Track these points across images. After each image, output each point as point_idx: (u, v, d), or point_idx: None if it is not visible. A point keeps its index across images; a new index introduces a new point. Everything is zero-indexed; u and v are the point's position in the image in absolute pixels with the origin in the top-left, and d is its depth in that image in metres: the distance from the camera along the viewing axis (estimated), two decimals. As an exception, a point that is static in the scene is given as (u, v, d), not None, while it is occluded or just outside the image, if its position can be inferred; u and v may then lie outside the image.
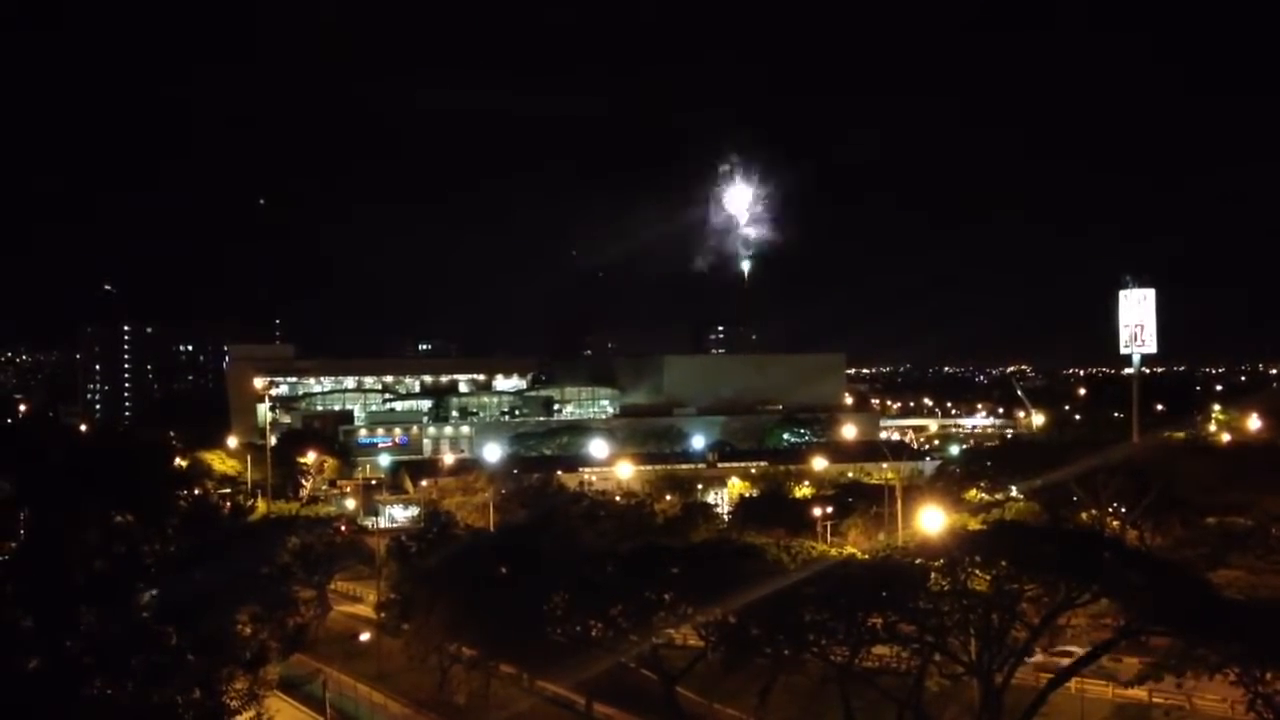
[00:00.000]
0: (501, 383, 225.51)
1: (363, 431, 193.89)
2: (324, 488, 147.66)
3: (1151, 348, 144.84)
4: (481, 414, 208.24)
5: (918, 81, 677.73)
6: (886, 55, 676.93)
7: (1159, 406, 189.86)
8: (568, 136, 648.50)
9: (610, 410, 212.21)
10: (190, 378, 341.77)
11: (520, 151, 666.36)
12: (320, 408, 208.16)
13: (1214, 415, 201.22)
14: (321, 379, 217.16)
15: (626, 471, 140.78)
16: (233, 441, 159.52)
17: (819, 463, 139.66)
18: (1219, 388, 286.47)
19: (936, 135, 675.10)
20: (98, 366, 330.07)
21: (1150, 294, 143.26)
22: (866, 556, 61.19)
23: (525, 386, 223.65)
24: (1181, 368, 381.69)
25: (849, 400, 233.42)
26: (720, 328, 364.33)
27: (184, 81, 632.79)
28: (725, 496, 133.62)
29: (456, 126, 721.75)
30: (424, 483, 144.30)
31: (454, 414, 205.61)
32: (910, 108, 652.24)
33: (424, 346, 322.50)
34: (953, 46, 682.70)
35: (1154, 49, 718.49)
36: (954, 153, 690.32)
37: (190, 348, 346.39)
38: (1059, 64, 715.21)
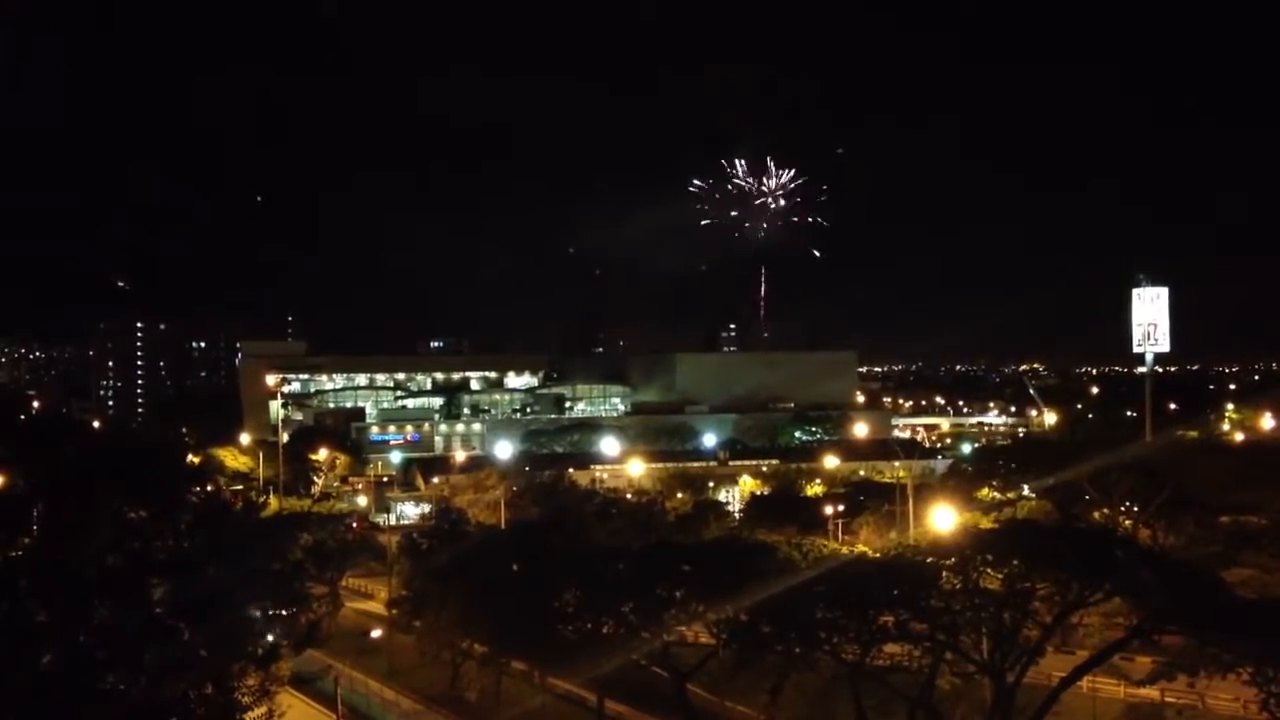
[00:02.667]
0: (513, 380, 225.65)
1: (374, 428, 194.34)
2: (336, 485, 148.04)
3: (1165, 346, 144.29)
4: (493, 411, 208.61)
5: (924, 83, 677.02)
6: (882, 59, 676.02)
7: (1172, 405, 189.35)
8: (580, 133, 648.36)
9: (622, 408, 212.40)
10: (203, 374, 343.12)
11: (532, 148, 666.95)
12: (332, 405, 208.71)
13: (1228, 414, 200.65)
14: (334, 376, 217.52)
15: (638, 469, 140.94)
16: (245, 438, 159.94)
17: (830, 461, 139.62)
18: (1233, 386, 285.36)
19: (935, 137, 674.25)
20: (110, 363, 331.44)
21: (1163, 292, 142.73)
22: (878, 555, 61.14)
23: (537, 384, 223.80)
24: (1195, 366, 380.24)
25: (861, 398, 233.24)
26: (732, 325, 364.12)
27: (200, 79, 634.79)
28: (736, 494, 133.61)
29: (467, 126, 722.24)
30: (435, 480, 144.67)
31: (466, 411, 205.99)
32: (912, 109, 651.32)
33: (436, 344, 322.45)
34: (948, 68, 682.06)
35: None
36: (954, 155, 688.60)
37: (203, 344, 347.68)
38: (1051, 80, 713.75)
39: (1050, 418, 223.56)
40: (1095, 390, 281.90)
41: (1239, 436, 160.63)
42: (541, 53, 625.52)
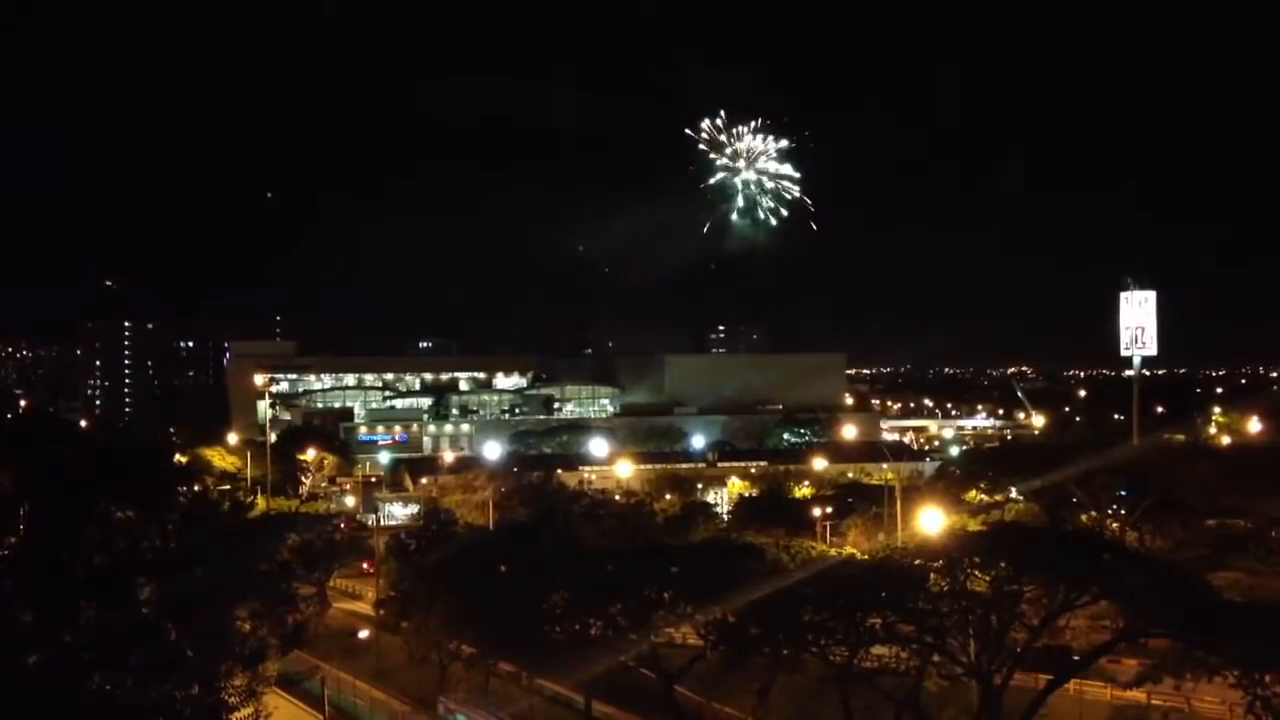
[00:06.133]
0: (502, 381, 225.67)
1: (363, 429, 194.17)
2: (324, 485, 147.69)
3: (1152, 350, 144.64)
4: (482, 412, 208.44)
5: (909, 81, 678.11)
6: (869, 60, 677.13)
7: (1159, 408, 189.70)
8: (572, 135, 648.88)
9: (610, 409, 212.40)
10: (191, 374, 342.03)
11: (522, 151, 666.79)
12: (321, 405, 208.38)
13: (1214, 417, 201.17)
14: (322, 376, 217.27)
15: (626, 470, 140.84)
16: (233, 438, 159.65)
17: (819, 463, 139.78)
18: (1219, 390, 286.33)
19: (930, 140, 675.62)
20: (98, 362, 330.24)
21: (1151, 296, 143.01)
22: (866, 557, 61.24)
23: (526, 385, 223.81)
24: (1182, 370, 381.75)
25: (849, 400, 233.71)
26: (721, 327, 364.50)
27: (191, 78, 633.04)
28: (725, 496, 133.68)
29: (458, 126, 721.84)
30: (424, 480, 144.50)
31: (454, 412, 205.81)
32: (907, 109, 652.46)
33: (424, 344, 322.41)
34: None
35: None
36: (953, 155, 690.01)
37: (191, 344, 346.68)
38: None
39: (1038, 420, 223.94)
40: (1083, 393, 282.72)
41: (1225, 440, 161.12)
42: (536, 54, 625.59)
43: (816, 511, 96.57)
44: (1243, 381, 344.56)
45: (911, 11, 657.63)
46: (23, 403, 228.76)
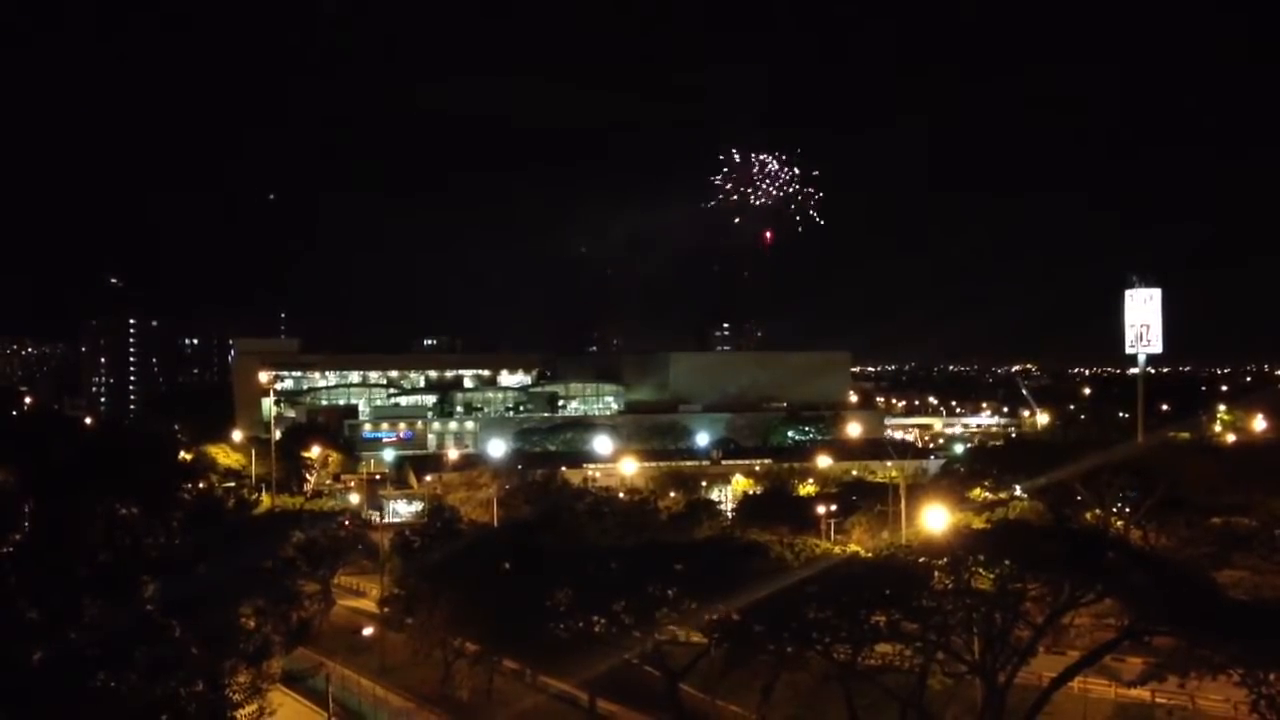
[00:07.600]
0: (506, 378, 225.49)
1: (367, 426, 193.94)
2: (328, 482, 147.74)
3: (1157, 348, 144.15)
4: (486, 409, 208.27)
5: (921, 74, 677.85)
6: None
7: (1164, 406, 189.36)
8: (574, 135, 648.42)
9: (615, 407, 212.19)
10: (195, 371, 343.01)
11: (524, 150, 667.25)
12: (325, 402, 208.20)
13: (1219, 415, 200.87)
14: (326, 373, 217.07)
15: (631, 468, 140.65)
16: (237, 435, 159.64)
17: (823, 460, 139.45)
18: (1224, 388, 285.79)
19: (936, 134, 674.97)
20: (103, 359, 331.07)
21: (1156, 294, 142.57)
22: (870, 555, 61.15)
23: (530, 382, 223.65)
24: (1187, 368, 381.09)
25: (854, 398, 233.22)
26: (725, 324, 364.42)
27: (197, 78, 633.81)
28: (729, 494, 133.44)
29: (462, 126, 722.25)
30: (428, 478, 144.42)
31: (458, 409, 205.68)
32: (909, 111, 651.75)
33: (429, 342, 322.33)
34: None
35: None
36: (953, 154, 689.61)
37: (195, 341, 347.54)
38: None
39: (1042, 418, 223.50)
40: (1088, 391, 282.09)
41: (1230, 438, 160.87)
42: (540, 53, 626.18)
43: (821, 509, 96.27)
44: (1248, 379, 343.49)
45: (912, 13, 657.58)
46: (27, 400, 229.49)
